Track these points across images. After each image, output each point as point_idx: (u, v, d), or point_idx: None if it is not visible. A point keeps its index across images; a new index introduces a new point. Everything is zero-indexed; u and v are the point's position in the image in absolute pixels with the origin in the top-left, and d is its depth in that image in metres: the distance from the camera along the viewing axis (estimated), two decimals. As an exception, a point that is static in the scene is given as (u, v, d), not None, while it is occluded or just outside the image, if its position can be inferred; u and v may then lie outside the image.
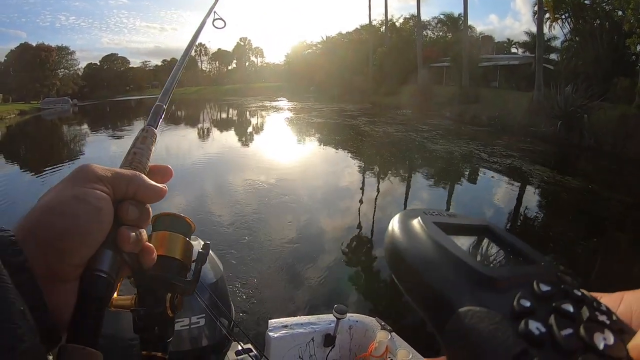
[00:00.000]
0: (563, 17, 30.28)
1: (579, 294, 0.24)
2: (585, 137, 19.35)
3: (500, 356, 0.20)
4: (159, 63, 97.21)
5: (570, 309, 0.23)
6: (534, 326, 0.21)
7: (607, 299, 0.26)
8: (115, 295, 0.59)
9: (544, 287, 0.24)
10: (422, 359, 2.54)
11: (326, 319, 2.84)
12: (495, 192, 12.82)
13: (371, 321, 2.89)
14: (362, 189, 12.32)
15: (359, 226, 8.87)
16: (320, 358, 2.78)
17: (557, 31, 34.44)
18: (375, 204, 10.85)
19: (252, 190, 11.02)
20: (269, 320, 2.72)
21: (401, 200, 11.51)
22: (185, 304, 1.88)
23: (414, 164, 16.04)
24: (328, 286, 6.22)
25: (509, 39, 48.76)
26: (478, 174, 14.91)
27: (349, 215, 9.63)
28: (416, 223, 0.29)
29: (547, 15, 28.82)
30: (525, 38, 41.24)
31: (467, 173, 15.05)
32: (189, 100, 53.08)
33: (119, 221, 0.51)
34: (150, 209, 0.57)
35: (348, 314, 2.80)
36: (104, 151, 19.27)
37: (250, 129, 27.38)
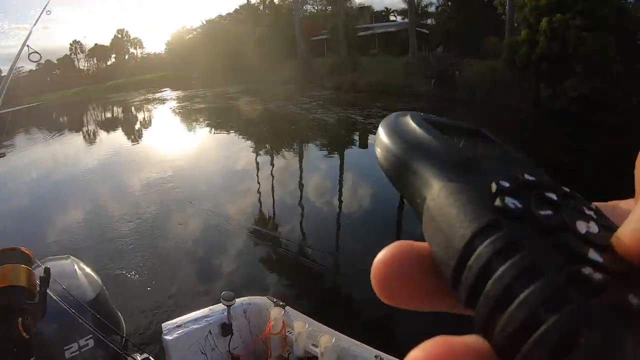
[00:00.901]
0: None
1: (567, 190, 0.23)
2: (459, 91, 20.19)
3: (471, 224, 0.20)
4: (34, 67, 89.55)
5: (554, 197, 0.21)
6: (510, 202, 0.20)
7: (599, 205, 0.24)
8: None
9: (529, 177, 0.22)
10: (317, 324, 2.65)
11: (218, 309, 2.81)
12: (363, 152, 13.22)
13: (263, 300, 2.97)
14: (249, 167, 12.19)
15: (253, 207, 8.76)
16: (223, 348, 2.76)
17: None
18: (267, 180, 10.73)
19: (146, 189, 10.47)
20: (163, 324, 2.67)
21: (288, 171, 11.56)
22: (68, 329, 1.99)
23: (289, 136, 16.00)
24: (226, 271, 6.14)
25: (387, 8, 49.90)
26: (352, 136, 15.27)
27: (241, 196, 9.49)
28: (406, 117, 0.28)
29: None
30: (403, 6, 42.38)
31: (340, 137, 15.19)
32: (69, 104, 50.04)
33: None
34: None
35: (240, 298, 2.87)
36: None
37: (135, 126, 26.22)
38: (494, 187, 0.21)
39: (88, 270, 2.75)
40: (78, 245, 7.18)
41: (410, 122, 0.27)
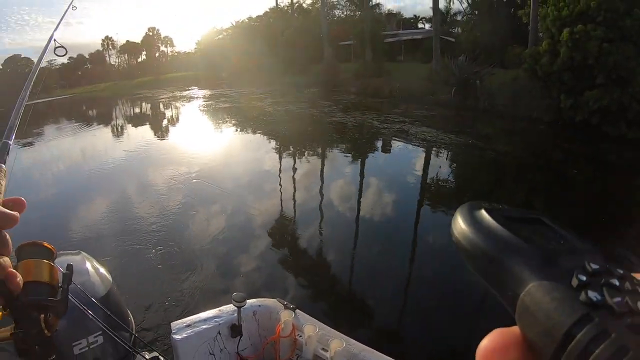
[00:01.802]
0: (462, -8, 31.48)
1: (621, 271, 0.29)
2: (480, 100, 20.15)
3: (569, 319, 0.25)
4: (66, 61, 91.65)
5: (617, 282, 0.28)
6: (592, 295, 0.26)
7: None
8: None
9: (594, 266, 0.29)
10: (328, 329, 2.63)
11: (228, 310, 2.79)
12: (374, 155, 13.43)
13: (274, 303, 2.91)
14: (264, 166, 12.37)
15: (278, 209, 8.69)
16: (231, 349, 2.73)
17: (461, 6, 35.81)
18: (280, 179, 10.89)
19: (172, 185, 10.45)
20: (172, 323, 2.64)
21: (301, 170, 11.66)
22: (78, 325, 2.02)
23: (305, 136, 16.25)
24: (240, 271, 6.03)
25: (415, 15, 50.05)
26: (366, 139, 15.31)
27: (264, 198, 9.42)
28: (481, 211, 0.35)
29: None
30: (431, 14, 42.33)
31: (354, 139, 15.38)
32: (99, 98, 50.80)
33: None
34: (7, 236, 0.62)
35: (250, 300, 2.81)
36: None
37: (162, 122, 26.71)
38: (575, 281, 0.28)
39: (99, 266, 2.73)
40: (94, 238, 7.21)
41: (487, 217, 0.34)
